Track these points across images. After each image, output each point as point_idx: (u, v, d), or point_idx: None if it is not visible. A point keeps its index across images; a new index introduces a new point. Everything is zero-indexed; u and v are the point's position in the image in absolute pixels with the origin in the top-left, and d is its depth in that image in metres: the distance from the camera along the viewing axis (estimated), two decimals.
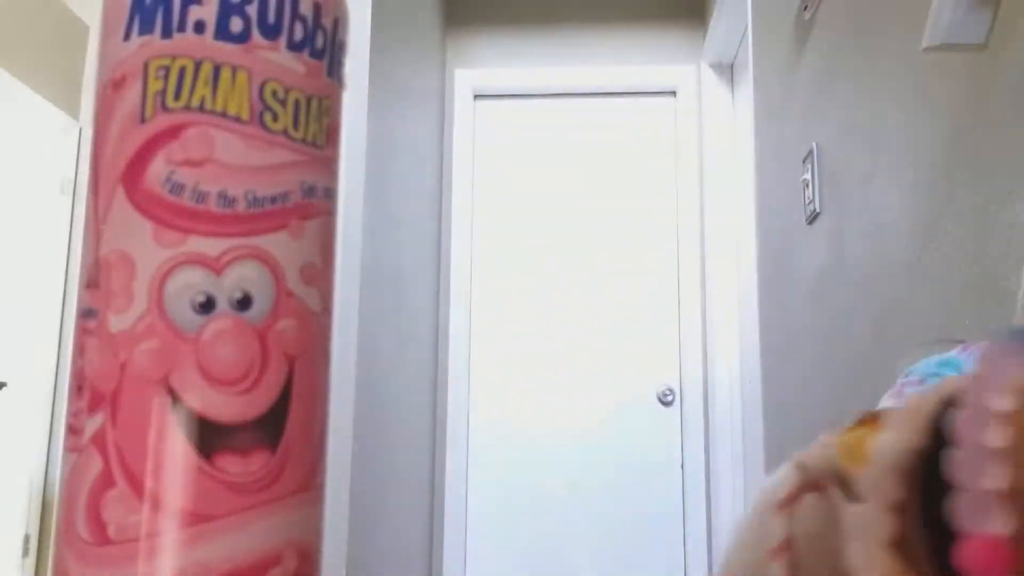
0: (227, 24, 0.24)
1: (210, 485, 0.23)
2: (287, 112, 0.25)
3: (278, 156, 0.25)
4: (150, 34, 0.24)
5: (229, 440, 0.24)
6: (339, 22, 0.27)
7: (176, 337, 0.23)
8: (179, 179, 0.23)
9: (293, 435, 0.24)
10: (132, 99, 0.24)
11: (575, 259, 2.91)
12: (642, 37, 2.97)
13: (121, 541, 0.23)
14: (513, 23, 3.02)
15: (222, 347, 0.23)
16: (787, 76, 1.78)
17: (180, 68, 0.24)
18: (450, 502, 2.76)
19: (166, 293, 0.23)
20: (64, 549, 0.24)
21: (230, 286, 0.23)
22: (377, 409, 1.98)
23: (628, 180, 2.96)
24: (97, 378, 0.24)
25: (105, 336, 0.24)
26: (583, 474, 2.76)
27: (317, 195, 0.26)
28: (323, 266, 0.26)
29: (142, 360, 0.23)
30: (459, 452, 2.80)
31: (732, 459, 2.59)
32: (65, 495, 0.24)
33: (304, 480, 0.25)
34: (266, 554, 0.23)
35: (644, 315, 2.84)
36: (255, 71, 0.24)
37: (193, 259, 0.23)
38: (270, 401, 0.24)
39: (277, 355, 0.24)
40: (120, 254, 0.24)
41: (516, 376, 2.85)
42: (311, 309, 0.25)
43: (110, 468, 0.23)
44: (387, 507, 2.11)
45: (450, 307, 2.85)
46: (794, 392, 1.58)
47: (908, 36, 1.04)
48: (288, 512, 0.24)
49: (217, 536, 0.23)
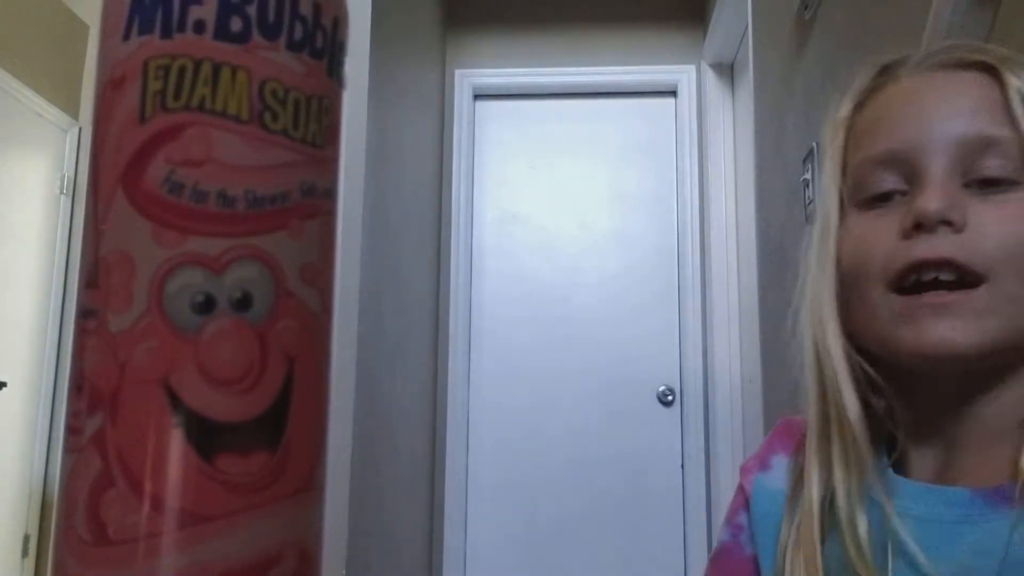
0: (227, 24, 0.24)
1: (210, 485, 0.23)
2: (287, 112, 0.25)
3: (278, 156, 0.25)
4: (150, 34, 0.24)
5: (229, 440, 0.24)
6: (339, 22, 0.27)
7: (176, 337, 0.23)
8: (179, 179, 0.23)
9: (293, 435, 0.24)
10: (131, 99, 0.24)
11: (575, 258, 2.91)
12: (642, 37, 2.97)
13: (120, 541, 0.23)
14: (513, 23, 3.02)
15: (222, 347, 0.23)
16: (787, 76, 1.78)
17: (180, 68, 0.24)
18: (450, 502, 2.76)
19: (166, 293, 0.23)
20: (63, 549, 0.24)
21: (230, 286, 0.23)
22: (377, 409, 1.98)
23: (628, 180, 2.95)
24: (96, 378, 0.24)
25: (105, 336, 0.24)
26: (583, 474, 2.76)
27: (317, 195, 0.26)
28: (323, 266, 0.26)
29: (142, 360, 0.23)
30: (459, 453, 2.80)
31: (732, 459, 2.59)
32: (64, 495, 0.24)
33: (304, 480, 0.25)
34: (266, 554, 0.23)
35: (644, 315, 2.84)
36: (255, 71, 0.24)
37: (193, 259, 0.23)
38: (270, 401, 0.24)
39: (277, 355, 0.24)
40: (120, 254, 0.24)
41: (516, 377, 2.85)
42: (311, 309, 0.25)
43: (109, 468, 0.23)
44: (387, 507, 2.11)
45: (450, 307, 2.85)
46: (794, 392, 1.57)
47: (908, 36, 1.04)
48: (288, 512, 0.24)
49: (217, 537, 0.23)
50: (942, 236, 0.44)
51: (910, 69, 0.50)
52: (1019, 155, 0.45)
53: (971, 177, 0.46)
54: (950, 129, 0.46)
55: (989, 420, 0.45)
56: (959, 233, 0.44)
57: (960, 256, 0.44)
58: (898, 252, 0.45)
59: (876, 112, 0.50)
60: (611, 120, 3.00)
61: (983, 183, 0.45)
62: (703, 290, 2.81)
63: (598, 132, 2.99)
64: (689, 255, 2.83)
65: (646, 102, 3.00)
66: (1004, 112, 0.46)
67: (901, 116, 0.49)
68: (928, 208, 0.44)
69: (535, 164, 2.98)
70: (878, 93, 0.51)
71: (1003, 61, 0.47)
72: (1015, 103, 0.45)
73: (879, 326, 0.46)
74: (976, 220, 0.44)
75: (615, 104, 3.00)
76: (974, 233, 0.44)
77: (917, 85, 0.49)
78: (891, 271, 0.45)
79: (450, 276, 2.87)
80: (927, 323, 0.44)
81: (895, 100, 0.50)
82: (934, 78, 0.49)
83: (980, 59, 0.47)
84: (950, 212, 0.44)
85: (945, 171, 0.46)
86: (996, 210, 0.44)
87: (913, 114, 0.48)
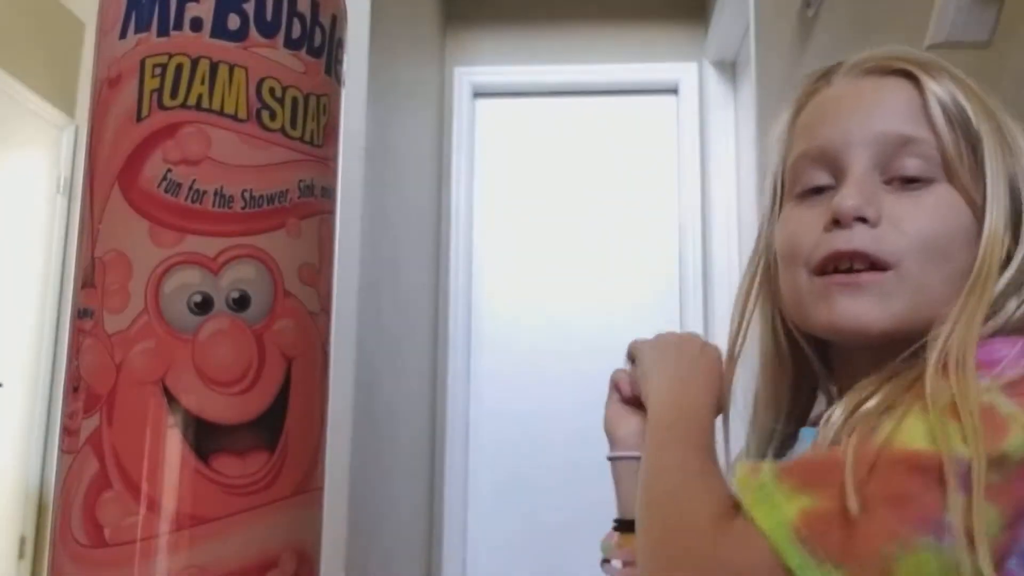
0: (224, 22, 0.24)
1: (207, 487, 0.23)
2: (284, 110, 0.25)
3: (275, 155, 0.25)
4: (146, 31, 0.24)
5: (226, 441, 0.23)
6: (337, 19, 0.27)
7: (173, 337, 0.23)
8: (176, 178, 0.23)
9: (291, 436, 0.24)
10: (128, 97, 0.24)
11: (575, 257, 2.90)
12: (643, 34, 2.96)
13: (117, 544, 0.23)
14: (513, 20, 3.01)
15: (219, 347, 0.23)
16: (789, 74, 1.78)
17: (176, 66, 0.24)
18: (450, 503, 2.76)
19: (162, 293, 0.23)
20: (60, 552, 0.24)
21: (227, 286, 0.23)
22: (376, 409, 1.98)
23: (629, 178, 2.95)
24: (93, 379, 0.24)
25: (101, 336, 0.24)
26: (584, 476, 2.75)
27: (315, 194, 0.26)
28: (321, 266, 0.26)
29: (138, 361, 0.23)
30: (459, 453, 2.80)
31: (733, 459, 2.58)
32: (61, 497, 0.24)
33: (303, 482, 0.25)
34: (264, 556, 0.23)
35: (645, 313, 2.84)
36: (252, 69, 0.24)
37: (190, 259, 0.23)
38: (268, 402, 0.24)
39: (275, 355, 0.24)
40: (116, 254, 0.24)
41: (516, 377, 2.84)
42: (309, 309, 0.25)
43: (106, 470, 0.23)
44: (386, 508, 2.10)
45: (449, 307, 2.85)
46: None
47: (911, 34, 1.04)
48: (286, 514, 0.24)
49: (214, 539, 0.23)
50: (858, 230, 0.50)
51: (841, 75, 0.56)
52: (935, 155, 0.50)
53: (890, 175, 0.51)
54: (870, 128, 0.52)
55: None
56: (874, 228, 0.50)
57: (871, 249, 0.49)
58: (821, 243, 0.51)
59: (810, 114, 0.57)
60: (612, 118, 2.99)
61: (902, 180, 0.51)
62: (704, 290, 2.81)
63: (599, 130, 2.98)
64: (690, 255, 2.82)
65: (647, 100, 2.99)
66: (923, 114, 0.51)
67: (829, 117, 0.55)
68: (844, 205, 0.50)
69: (535, 162, 2.98)
70: (814, 97, 0.57)
71: (924, 68, 0.52)
72: (933, 106, 0.51)
73: (803, 305, 0.53)
74: (891, 214, 0.50)
75: (616, 102, 3.00)
76: (887, 227, 0.50)
77: (846, 90, 0.55)
78: (813, 260, 0.52)
79: (449, 275, 2.86)
80: (840, 301, 0.50)
81: (826, 103, 0.56)
82: (861, 83, 0.55)
83: (903, 67, 0.53)
84: (864, 209, 0.50)
85: (865, 168, 0.51)
86: (910, 205, 0.50)
87: (839, 115, 0.54)
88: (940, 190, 0.50)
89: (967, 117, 0.51)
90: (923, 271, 0.49)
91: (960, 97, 0.51)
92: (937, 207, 0.50)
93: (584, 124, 2.98)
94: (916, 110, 0.51)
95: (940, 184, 0.50)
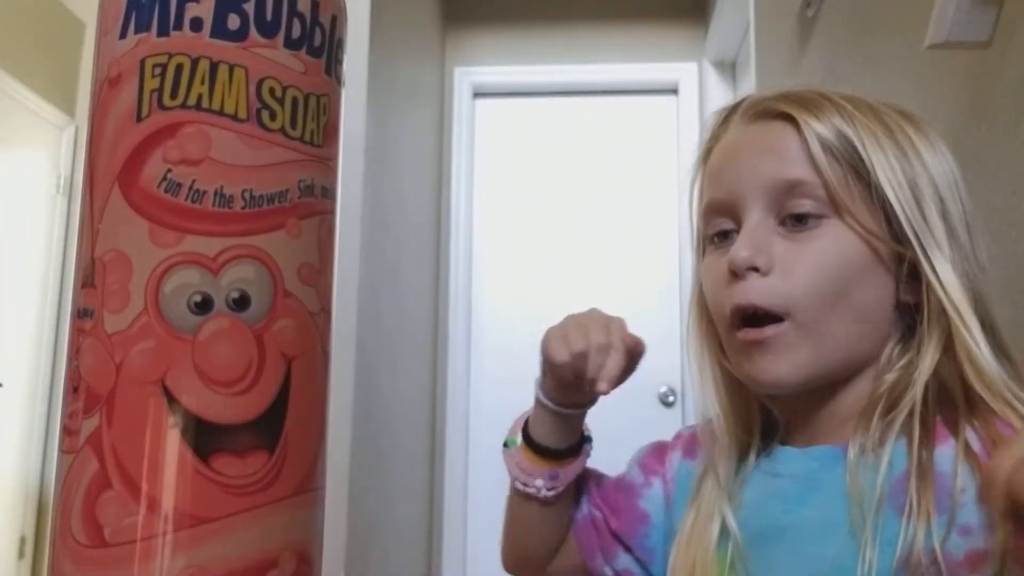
0: (224, 21, 0.24)
1: (207, 487, 0.23)
2: (284, 110, 0.25)
3: (275, 155, 0.25)
4: (146, 31, 0.24)
5: (226, 442, 0.23)
6: (337, 19, 0.27)
7: (172, 337, 0.23)
8: (176, 178, 0.23)
9: (291, 436, 0.24)
10: (128, 97, 0.24)
11: (575, 258, 2.90)
12: (643, 35, 2.96)
13: (117, 544, 0.22)
14: (513, 21, 3.01)
15: (219, 348, 0.23)
16: (789, 74, 1.78)
17: (176, 66, 0.24)
18: (450, 503, 2.76)
19: (162, 293, 0.23)
20: (60, 552, 0.24)
21: (227, 286, 0.23)
22: (376, 409, 1.98)
23: (629, 178, 2.95)
24: (93, 379, 0.24)
25: (101, 336, 0.24)
26: None
27: (315, 194, 0.26)
28: (321, 266, 0.26)
29: (138, 361, 0.23)
30: (459, 453, 2.80)
31: None
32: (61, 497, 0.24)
33: (302, 482, 0.25)
34: (264, 557, 0.23)
35: (645, 314, 2.84)
36: (252, 69, 0.24)
37: (190, 259, 0.23)
38: (268, 402, 0.24)
39: (275, 356, 0.24)
40: (116, 254, 0.24)
41: (516, 377, 2.84)
42: (309, 309, 0.25)
43: (106, 470, 0.23)
44: (386, 509, 2.10)
45: (449, 306, 2.85)
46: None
47: (912, 34, 1.04)
48: (286, 514, 0.24)
49: (214, 539, 0.23)
50: (751, 281, 0.52)
51: (736, 121, 0.59)
52: (822, 194, 0.52)
53: (783, 215, 0.53)
54: (760, 177, 0.54)
55: (837, 412, 0.55)
56: (766, 276, 0.52)
57: (763, 301, 0.52)
58: (726, 298, 0.54)
59: (712, 163, 0.59)
60: (612, 118, 2.99)
61: (795, 219, 0.53)
62: None
63: (598, 130, 2.98)
64: (690, 254, 2.82)
65: (647, 100, 2.99)
66: (806, 156, 0.53)
67: (726, 166, 0.57)
68: (737, 257, 0.52)
69: (534, 162, 2.98)
70: (717, 142, 0.60)
71: (805, 108, 0.54)
72: (813, 147, 0.52)
73: (731, 358, 0.57)
74: (783, 260, 0.52)
75: (616, 102, 3.00)
76: (778, 275, 0.52)
77: (736, 139, 0.58)
78: (725, 317, 0.55)
79: (449, 275, 2.87)
80: (755, 359, 0.53)
81: (725, 150, 0.58)
82: (749, 131, 0.57)
83: (784, 109, 0.55)
84: (755, 259, 0.52)
85: (759, 216, 0.54)
86: (801, 251, 0.52)
87: (735, 164, 0.56)
88: (830, 227, 0.52)
89: (852, 148, 0.52)
90: (819, 315, 0.51)
91: (846, 129, 0.52)
92: (825, 249, 0.52)
93: (584, 124, 2.98)
94: (798, 152, 0.53)
95: (830, 221, 0.52)
